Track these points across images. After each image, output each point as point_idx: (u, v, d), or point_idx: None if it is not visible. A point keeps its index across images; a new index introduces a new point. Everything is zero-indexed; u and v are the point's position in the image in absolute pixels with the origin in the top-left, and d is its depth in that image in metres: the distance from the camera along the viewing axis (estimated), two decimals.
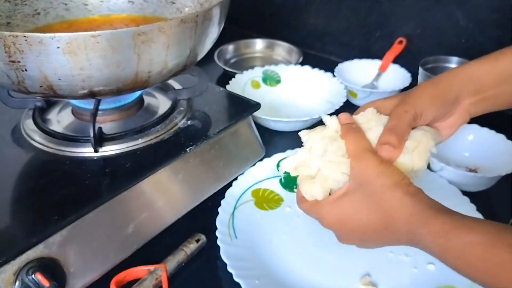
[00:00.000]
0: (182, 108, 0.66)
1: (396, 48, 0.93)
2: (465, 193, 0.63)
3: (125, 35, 0.47)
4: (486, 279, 0.34)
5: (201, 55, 0.60)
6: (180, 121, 0.64)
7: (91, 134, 0.55)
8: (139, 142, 0.59)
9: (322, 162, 0.47)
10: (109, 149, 0.58)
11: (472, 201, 0.62)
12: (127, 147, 0.58)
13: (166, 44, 0.50)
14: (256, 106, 0.69)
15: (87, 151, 0.57)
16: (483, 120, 0.72)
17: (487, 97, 0.48)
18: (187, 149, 0.59)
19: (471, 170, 0.70)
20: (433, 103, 0.47)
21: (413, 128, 0.47)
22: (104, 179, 0.55)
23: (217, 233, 0.57)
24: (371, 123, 0.47)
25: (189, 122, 0.64)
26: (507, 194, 0.67)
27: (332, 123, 0.49)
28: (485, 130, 0.72)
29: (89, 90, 0.50)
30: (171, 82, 0.72)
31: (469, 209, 0.60)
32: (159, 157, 0.57)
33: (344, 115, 0.49)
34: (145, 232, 0.55)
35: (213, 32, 0.58)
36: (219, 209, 0.60)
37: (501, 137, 0.70)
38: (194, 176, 0.61)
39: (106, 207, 0.52)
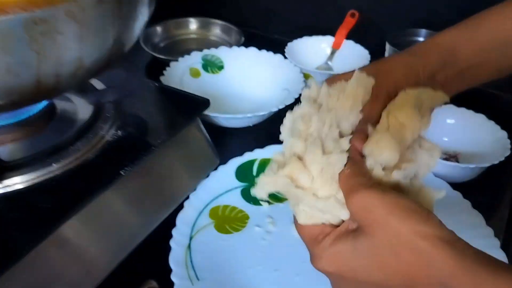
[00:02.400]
0: (108, 115, 0.51)
1: (349, 22, 0.83)
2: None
3: (15, 26, 0.32)
4: None
5: (129, 44, 0.45)
6: (108, 132, 0.49)
7: None
8: (54, 168, 0.43)
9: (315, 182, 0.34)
10: (13, 183, 0.42)
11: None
12: (38, 177, 0.43)
13: (79, 34, 0.35)
14: (205, 103, 0.55)
15: None
16: (460, 99, 0.65)
17: (465, 69, 0.42)
18: (122, 172, 0.44)
19: (451, 157, 0.62)
20: (407, 80, 0.39)
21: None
22: (9, 228, 0.39)
23: (172, 277, 0.44)
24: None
25: (119, 132, 0.49)
26: (494, 183, 0.60)
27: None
28: (463, 110, 0.64)
29: None
30: (92, 80, 0.56)
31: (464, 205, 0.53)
32: (84, 187, 0.43)
33: None
34: None
35: (143, 14, 0.43)
36: (171, 243, 0.47)
37: (481, 117, 0.63)
38: (134, 204, 0.47)
39: (17, 269, 0.37)
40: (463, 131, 0.62)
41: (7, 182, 0.42)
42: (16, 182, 0.42)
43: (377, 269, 0.29)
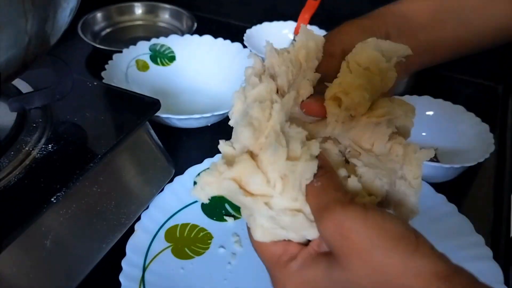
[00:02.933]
0: (35, 124, 0.42)
1: (311, 6, 0.76)
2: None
3: None
4: None
5: (54, 37, 0.37)
6: (35, 147, 0.40)
7: None
8: None
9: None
10: None
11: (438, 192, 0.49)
12: None
13: None
14: (154, 105, 0.47)
15: None
16: (437, 90, 0.60)
17: (421, 41, 0.39)
18: (53, 198, 0.36)
19: None
20: (363, 36, 0.34)
21: None
22: None
23: None
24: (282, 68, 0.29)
25: (50, 146, 0.40)
26: (475, 180, 0.56)
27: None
28: (440, 101, 0.59)
29: None
30: (15, 82, 0.46)
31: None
32: (6, 218, 0.34)
33: None
34: None
35: (67, 0, 0.34)
36: (121, 278, 0.39)
37: (460, 108, 0.58)
38: (72, 234, 0.39)
39: None
40: (442, 125, 0.57)
41: None
42: None
43: None
